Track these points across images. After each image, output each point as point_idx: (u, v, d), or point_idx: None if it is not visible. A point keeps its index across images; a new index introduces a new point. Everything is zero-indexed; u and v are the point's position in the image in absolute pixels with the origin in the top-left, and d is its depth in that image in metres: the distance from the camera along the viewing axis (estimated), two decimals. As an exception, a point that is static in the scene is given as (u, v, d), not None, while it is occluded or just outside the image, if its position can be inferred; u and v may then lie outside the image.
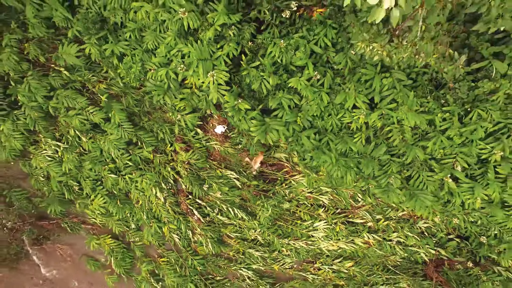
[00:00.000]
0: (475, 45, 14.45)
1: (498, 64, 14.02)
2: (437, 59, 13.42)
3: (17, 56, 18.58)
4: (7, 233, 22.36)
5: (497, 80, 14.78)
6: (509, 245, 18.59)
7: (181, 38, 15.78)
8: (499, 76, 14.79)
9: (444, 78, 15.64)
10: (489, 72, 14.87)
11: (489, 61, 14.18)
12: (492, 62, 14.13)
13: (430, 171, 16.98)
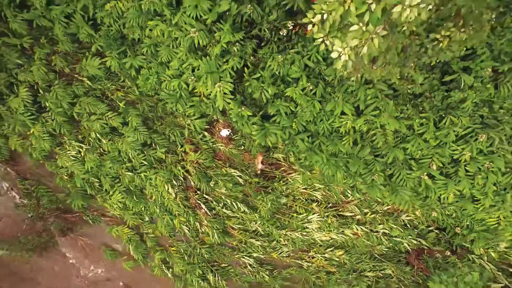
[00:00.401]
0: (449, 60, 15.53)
1: (466, 77, 15.12)
2: (400, 79, 14.47)
3: (45, 68, 19.54)
4: (38, 224, 23.11)
5: (465, 90, 15.88)
6: (478, 234, 19.31)
7: (191, 53, 16.67)
8: (467, 87, 15.88)
9: (423, 87, 16.77)
10: (459, 83, 15.95)
11: (458, 74, 15.31)
12: (461, 75, 15.23)
13: (409, 169, 17.75)
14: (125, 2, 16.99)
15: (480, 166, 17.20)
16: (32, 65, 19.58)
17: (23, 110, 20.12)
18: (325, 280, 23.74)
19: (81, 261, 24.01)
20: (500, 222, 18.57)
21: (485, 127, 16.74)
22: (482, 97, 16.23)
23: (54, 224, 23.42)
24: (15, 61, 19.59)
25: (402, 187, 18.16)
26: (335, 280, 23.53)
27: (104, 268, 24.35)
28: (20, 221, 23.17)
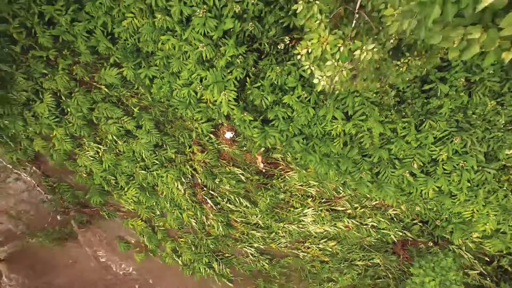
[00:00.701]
0: (428, 71, 16.47)
1: (442, 86, 16.09)
2: (377, 92, 15.57)
3: (67, 77, 20.37)
4: (61, 217, 23.90)
5: (442, 98, 16.81)
6: (456, 226, 20.05)
7: (200, 65, 17.45)
8: (443, 95, 16.81)
9: (405, 95, 17.70)
10: (436, 92, 16.87)
11: (436, 84, 16.29)
12: (438, 85, 16.21)
13: (393, 168, 18.50)
14: (140, 19, 17.78)
15: (455, 165, 17.92)
16: (56, 74, 20.34)
17: (48, 115, 20.93)
18: (319, 268, 24.21)
19: (98, 251, 24.72)
20: (473, 214, 19.25)
21: (459, 131, 17.54)
22: (456, 104, 16.97)
23: (75, 217, 24.04)
24: (41, 71, 20.40)
25: (387, 184, 18.88)
26: (328, 268, 24.04)
27: (118, 257, 25.07)
28: (46, 214, 23.75)
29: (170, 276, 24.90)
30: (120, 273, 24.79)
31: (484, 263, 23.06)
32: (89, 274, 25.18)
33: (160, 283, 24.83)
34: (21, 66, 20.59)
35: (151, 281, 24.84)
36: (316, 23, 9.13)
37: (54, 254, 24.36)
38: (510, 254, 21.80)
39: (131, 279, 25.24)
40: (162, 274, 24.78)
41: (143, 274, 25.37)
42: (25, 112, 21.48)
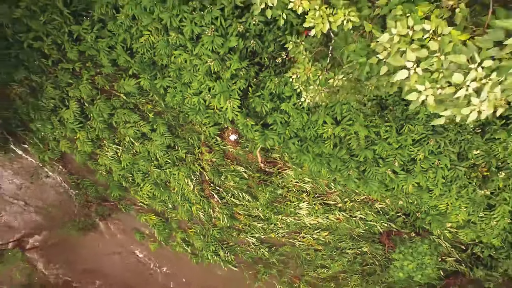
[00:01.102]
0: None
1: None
2: (356, 103, 16.89)
3: (90, 86, 21.41)
4: (84, 210, 24.85)
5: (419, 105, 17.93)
6: (433, 217, 20.92)
7: (208, 77, 18.49)
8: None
9: (387, 103, 18.79)
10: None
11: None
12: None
13: (377, 166, 19.44)
14: (156, 36, 18.85)
15: (431, 164, 18.85)
16: (80, 84, 21.40)
17: (72, 120, 21.97)
18: (313, 256, 24.97)
19: (116, 240, 25.63)
20: (448, 207, 20.13)
21: (434, 134, 18.52)
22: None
23: (97, 210, 24.90)
24: (67, 81, 21.47)
25: (372, 180, 19.77)
26: (321, 256, 24.81)
27: (132, 245, 25.99)
28: (72, 207, 24.65)
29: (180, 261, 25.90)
30: (135, 258, 25.62)
31: (460, 251, 23.90)
32: (110, 259, 25.98)
33: (172, 268, 25.74)
34: (50, 77, 21.66)
35: (165, 267, 25.67)
36: (302, 57, 10.73)
37: (79, 242, 25.12)
38: (482, 242, 22.54)
39: (145, 263, 26.11)
40: (173, 260, 25.72)
41: (157, 260, 26.33)
42: (52, 117, 22.52)
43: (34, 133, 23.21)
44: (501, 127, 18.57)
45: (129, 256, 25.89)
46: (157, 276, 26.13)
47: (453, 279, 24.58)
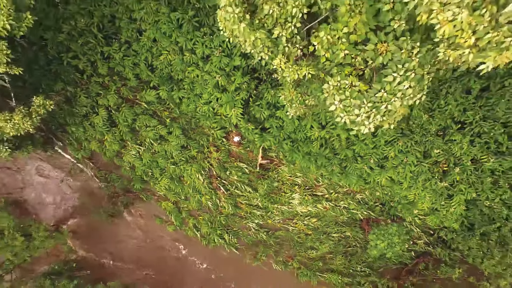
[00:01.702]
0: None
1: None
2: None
3: (116, 96, 22.95)
4: (112, 200, 26.04)
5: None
6: (403, 206, 22.47)
7: (216, 89, 20.14)
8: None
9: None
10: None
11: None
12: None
13: (356, 162, 21.05)
14: (173, 55, 20.51)
15: (400, 161, 20.49)
16: (108, 94, 22.92)
17: (101, 124, 23.52)
18: (304, 239, 26.04)
19: (139, 224, 26.63)
20: (415, 197, 21.57)
21: (403, 136, 20.19)
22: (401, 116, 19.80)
23: (122, 199, 25.96)
24: (97, 91, 23.04)
25: (351, 174, 21.40)
26: (311, 239, 25.91)
27: (152, 228, 26.76)
28: (101, 197, 25.69)
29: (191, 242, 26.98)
30: (156, 239, 26.49)
31: (428, 235, 25.25)
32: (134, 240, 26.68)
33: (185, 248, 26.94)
34: (83, 88, 23.19)
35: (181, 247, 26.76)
36: (288, 84, 12.76)
37: (107, 226, 25.99)
38: (446, 227, 24.08)
39: (162, 241, 26.97)
40: (187, 242, 26.49)
41: (172, 240, 27.11)
42: (84, 121, 23.98)
43: (70, 135, 24.52)
44: (457, 130, 20.28)
45: (150, 235, 26.55)
46: (173, 253, 26.85)
47: (422, 258, 25.85)
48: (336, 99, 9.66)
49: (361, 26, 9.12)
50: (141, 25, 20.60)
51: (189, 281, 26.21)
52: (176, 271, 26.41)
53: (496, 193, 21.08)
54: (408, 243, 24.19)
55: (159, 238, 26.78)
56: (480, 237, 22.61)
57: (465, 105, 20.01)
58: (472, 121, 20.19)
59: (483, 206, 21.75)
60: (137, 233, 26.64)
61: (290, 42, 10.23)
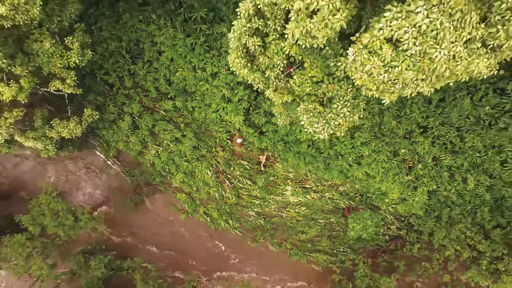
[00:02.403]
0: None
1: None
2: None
3: (139, 104, 24.66)
4: (136, 191, 27.59)
5: (364, 119, 21.56)
6: (377, 196, 24.02)
7: (222, 100, 21.93)
8: (365, 118, 21.53)
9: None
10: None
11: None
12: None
13: (337, 160, 22.84)
14: (187, 72, 22.35)
15: (374, 158, 22.24)
16: (132, 103, 24.71)
17: (127, 128, 25.28)
18: (295, 224, 27.43)
19: (158, 211, 28.11)
20: (386, 189, 23.36)
21: (375, 138, 21.96)
22: (374, 122, 21.45)
23: (144, 190, 27.49)
24: (123, 101, 24.80)
25: (334, 170, 23.21)
26: (301, 224, 27.26)
27: (168, 214, 28.15)
28: (127, 189, 27.30)
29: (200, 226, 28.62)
30: (171, 223, 27.86)
31: (400, 221, 26.53)
32: (154, 223, 28.08)
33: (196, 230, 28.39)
34: (111, 98, 24.99)
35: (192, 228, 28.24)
36: (278, 105, 14.82)
37: (132, 213, 27.49)
38: (414, 214, 25.52)
39: (177, 225, 28.34)
40: (195, 226, 28.04)
41: (186, 226, 28.49)
42: (113, 126, 25.70)
43: (100, 138, 26.27)
44: (420, 134, 22.08)
45: (167, 221, 27.85)
46: (187, 234, 28.16)
47: (395, 241, 27.42)
48: (304, 117, 12.14)
49: (319, 73, 11.73)
50: (161, 47, 22.48)
51: (200, 256, 27.58)
52: (189, 248, 27.70)
53: (452, 185, 22.96)
54: (383, 228, 25.91)
55: (175, 222, 28.17)
56: (436, 219, 24.17)
57: (427, 113, 21.81)
58: (433, 126, 21.94)
59: (442, 196, 23.35)
60: (157, 219, 28.00)
61: (277, 79, 12.60)
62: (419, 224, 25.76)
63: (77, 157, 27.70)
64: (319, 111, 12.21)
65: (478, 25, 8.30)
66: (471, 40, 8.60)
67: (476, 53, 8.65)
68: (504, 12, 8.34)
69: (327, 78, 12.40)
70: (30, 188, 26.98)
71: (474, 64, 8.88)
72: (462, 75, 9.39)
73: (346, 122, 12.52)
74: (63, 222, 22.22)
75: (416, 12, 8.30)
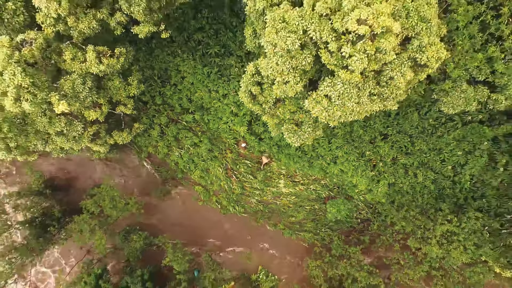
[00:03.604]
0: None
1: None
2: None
3: (166, 117, 26.50)
4: (164, 184, 28.88)
5: (337, 129, 23.86)
6: (349, 188, 26.02)
7: (231, 114, 23.96)
8: (338, 128, 23.81)
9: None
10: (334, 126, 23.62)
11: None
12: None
13: (318, 160, 24.83)
14: (204, 93, 24.50)
15: (346, 158, 24.35)
16: (160, 116, 26.55)
17: (156, 135, 27.19)
18: (287, 210, 28.81)
19: (181, 200, 29.42)
20: (356, 182, 25.29)
21: (347, 143, 24.02)
22: (345, 131, 23.57)
23: (170, 184, 29.15)
24: (153, 114, 26.70)
25: (315, 167, 25.19)
26: (291, 210, 28.67)
27: (188, 202, 29.27)
28: (157, 183, 28.97)
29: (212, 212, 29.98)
30: (191, 208, 28.94)
31: (369, 208, 27.82)
32: (180, 209, 29.17)
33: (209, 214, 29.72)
34: (144, 112, 26.85)
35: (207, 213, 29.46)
36: (270, 124, 17.25)
37: (160, 201, 29.01)
38: (379, 202, 27.09)
39: (195, 211, 29.21)
40: (212, 212, 29.27)
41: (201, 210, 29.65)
42: (145, 134, 27.52)
43: (135, 143, 28.24)
44: (382, 140, 24.21)
45: (187, 208, 29.27)
46: (203, 217, 29.36)
47: (364, 222, 29.17)
48: (286, 133, 14.90)
49: (294, 107, 14.59)
50: (184, 74, 24.59)
51: (213, 235, 29.25)
52: (204, 228, 29.34)
53: (406, 179, 25.08)
54: (355, 213, 27.66)
55: (193, 209, 29.72)
56: (391, 204, 26.28)
57: (387, 124, 23.99)
58: (391, 134, 24.12)
59: (398, 187, 25.52)
60: (179, 206, 29.65)
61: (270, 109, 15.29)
62: (383, 209, 27.95)
63: (118, 158, 29.50)
64: (295, 130, 15.01)
65: (374, 86, 11.18)
66: (372, 94, 11.59)
67: (374, 101, 11.50)
68: (387, 79, 11.21)
69: (299, 110, 15.33)
70: (83, 182, 28.99)
71: (372, 107, 11.91)
72: (367, 113, 13.34)
73: (311, 136, 15.70)
74: (116, 205, 24.42)
75: (337, 84, 11.44)
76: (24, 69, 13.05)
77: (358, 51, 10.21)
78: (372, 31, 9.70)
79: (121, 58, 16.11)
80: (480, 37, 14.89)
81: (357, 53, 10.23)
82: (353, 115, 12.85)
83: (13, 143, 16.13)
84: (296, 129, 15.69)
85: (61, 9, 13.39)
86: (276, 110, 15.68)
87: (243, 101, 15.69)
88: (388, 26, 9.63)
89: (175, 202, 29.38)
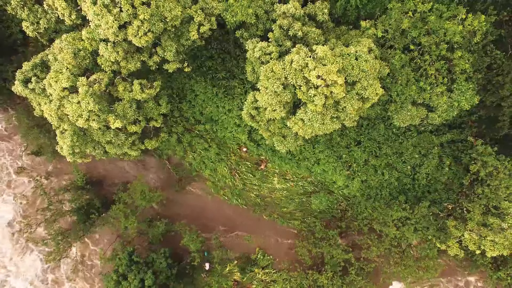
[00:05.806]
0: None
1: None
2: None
3: (183, 127, 31.38)
4: (180, 180, 33.14)
5: (321, 139, 28.66)
6: (330, 184, 30.51)
7: (235, 125, 28.70)
8: (323, 137, 28.54)
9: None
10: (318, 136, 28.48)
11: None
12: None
13: (305, 162, 29.56)
14: (213, 108, 29.55)
15: (327, 161, 28.97)
16: (178, 126, 31.23)
17: (174, 141, 31.72)
18: (280, 202, 33.03)
19: (195, 194, 33.36)
20: (336, 179, 29.73)
21: (328, 148, 28.74)
22: (326, 138, 28.58)
23: (185, 181, 33.24)
24: (171, 124, 31.29)
25: (302, 167, 29.92)
26: (284, 202, 32.85)
27: (201, 196, 33.14)
28: (174, 180, 33.03)
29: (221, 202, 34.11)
30: (203, 200, 32.98)
31: (347, 200, 32.14)
32: (194, 201, 32.74)
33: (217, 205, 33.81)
34: (164, 123, 31.01)
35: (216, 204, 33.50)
36: (266, 136, 22.53)
37: (177, 195, 32.98)
38: (355, 196, 31.60)
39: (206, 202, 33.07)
40: (220, 203, 33.40)
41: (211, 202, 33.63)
42: (165, 141, 31.53)
43: (157, 148, 32.54)
44: (356, 146, 29.09)
45: (199, 200, 33.24)
46: (212, 208, 33.23)
47: (342, 212, 33.98)
48: (275, 143, 20.12)
49: (281, 124, 19.78)
50: (197, 93, 29.45)
51: (220, 222, 33.50)
52: (213, 215, 33.62)
53: (376, 177, 29.92)
54: (336, 205, 32.16)
55: (204, 201, 33.90)
56: (362, 197, 31.11)
57: (360, 132, 28.90)
58: (363, 140, 28.92)
59: (369, 184, 30.66)
60: (193, 198, 33.82)
61: (265, 125, 20.56)
62: (357, 201, 32.69)
63: (142, 160, 34.05)
64: (282, 140, 20.20)
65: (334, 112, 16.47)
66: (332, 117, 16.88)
67: (334, 122, 16.77)
68: (342, 108, 16.53)
69: (284, 127, 20.41)
70: (109, 179, 33.93)
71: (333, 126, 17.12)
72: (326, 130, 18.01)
73: (293, 145, 20.72)
74: (145, 197, 29.50)
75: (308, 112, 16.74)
76: (94, 99, 18.43)
77: (318, 93, 15.50)
78: (325, 83, 14.99)
79: (157, 88, 21.47)
80: (413, 75, 20.22)
81: (318, 94, 15.52)
82: (320, 131, 18.10)
83: (77, 149, 21.50)
84: (283, 140, 20.88)
85: (119, 56, 18.77)
86: (269, 126, 21.01)
87: (244, 120, 20.78)
88: (335, 79, 14.91)
89: (189, 195, 33.85)
